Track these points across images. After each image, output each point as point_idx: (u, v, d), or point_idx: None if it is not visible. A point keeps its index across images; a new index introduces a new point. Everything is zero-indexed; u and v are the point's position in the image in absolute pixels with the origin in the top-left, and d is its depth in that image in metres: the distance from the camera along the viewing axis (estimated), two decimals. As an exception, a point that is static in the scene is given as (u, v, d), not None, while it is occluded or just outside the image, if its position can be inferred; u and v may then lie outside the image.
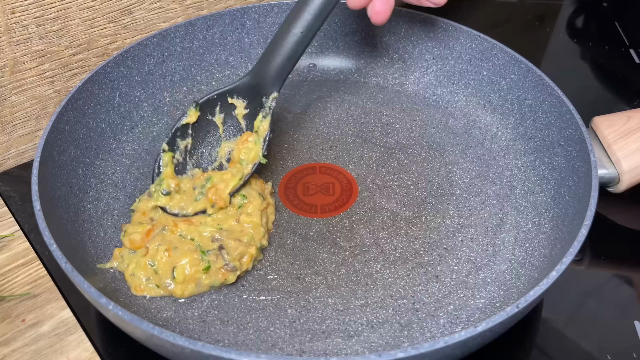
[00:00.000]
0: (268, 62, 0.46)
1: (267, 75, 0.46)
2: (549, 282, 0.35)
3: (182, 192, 0.46)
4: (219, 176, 0.46)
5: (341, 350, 0.39)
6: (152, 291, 0.42)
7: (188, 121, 0.47)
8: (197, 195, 0.45)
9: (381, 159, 0.53)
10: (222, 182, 0.45)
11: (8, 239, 0.48)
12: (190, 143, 0.47)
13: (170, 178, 0.46)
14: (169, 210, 0.45)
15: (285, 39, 0.45)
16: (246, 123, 0.48)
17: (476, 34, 0.56)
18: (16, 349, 0.40)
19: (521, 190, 0.50)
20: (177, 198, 0.46)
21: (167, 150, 0.46)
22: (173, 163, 0.46)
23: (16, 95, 0.53)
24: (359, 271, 0.44)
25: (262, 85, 0.46)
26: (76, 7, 0.52)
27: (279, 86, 0.47)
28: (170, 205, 0.45)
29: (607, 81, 0.68)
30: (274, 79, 0.46)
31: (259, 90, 0.47)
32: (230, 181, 0.45)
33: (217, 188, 0.45)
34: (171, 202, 0.45)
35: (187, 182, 0.47)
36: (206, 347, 0.31)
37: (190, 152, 0.47)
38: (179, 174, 0.47)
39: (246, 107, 0.47)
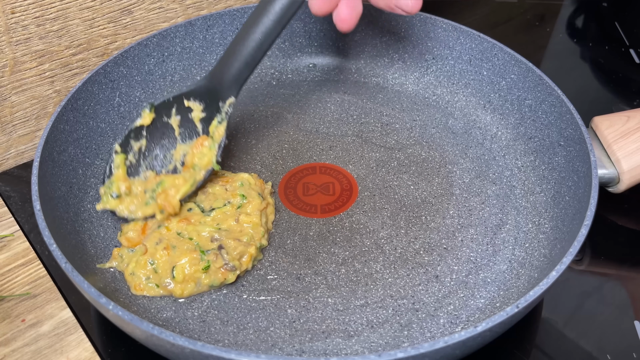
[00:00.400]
0: (226, 66, 0.45)
1: (225, 80, 0.45)
2: (549, 282, 0.35)
3: (133, 195, 0.45)
4: (170, 181, 0.45)
5: (341, 350, 0.39)
6: (151, 290, 0.42)
7: (142, 123, 0.46)
8: (148, 200, 0.45)
9: (381, 159, 0.53)
10: (173, 188, 0.45)
11: (8, 239, 0.48)
12: (145, 145, 0.46)
13: (121, 180, 0.45)
14: (118, 214, 0.44)
15: (243, 44, 0.44)
16: (202, 127, 0.46)
17: (476, 34, 0.56)
18: (16, 349, 0.40)
19: (521, 190, 0.50)
20: (127, 200, 0.45)
21: (120, 152, 0.45)
22: (125, 165, 0.45)
23: (16, 95, 0.53)
24: (359, 271, 0.44)
25: (219, 89, 0.45)
26: (76, 7, 0.52)
27: (237, 91, 0.45)
28: (120, 209, 0.44)
29: (607, 81, 0.68)
30: (231, 83, 0.45)
31: (215, 94, 0.46)
32: (181, 187, 0.44)
33: (167, 194, 0.44)
34: (121, 204, 0.44)
35: (139, 184, 0.45)
36: (206, 347, 0.31)
37: (144, 154, 0.46)
38: (131, 175, 0.46)
39: (203, 111, 0.46)
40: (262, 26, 0.43)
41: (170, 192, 0.44)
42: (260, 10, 0.43)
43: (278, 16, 0.43)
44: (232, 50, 0.45)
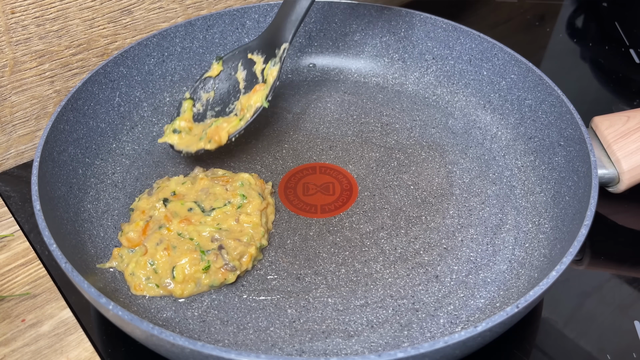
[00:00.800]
0: (282, 16, 0.50)
1: (281, 28, 0.49)
2: (549, 282, 0.35)
3: (193, 134, 0.49)
4: (224, 119, 0.49)
5: (341, 350, 0.39)
6: (151, 291, 0.42)
7: (210, 74, 0.51)
8: (202, 136, 0.48)
9: (381, 159, 0.53)
10: (226, 123, 0.49)
11: (8, 239, 0.48)
12: (212, 96, 0.50)
13: (184, 119, 0.49)
14: (175, 147, 0.49)
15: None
16: (262, 77, 0.50)
17: (476, 34, 0.56)
18: (16, 349, 0.40)
19: (521, 190, 0.50)
20: (185, 138, 0.49)
21: (188, 98, 0.50)
22: (192, 111, 0.50)
23: (16, 95, 0.53)
24: (359, 271, 0.44)
25: (276, 37, 0.50)
26: (76, 7, 0.52)
27: (291, 36, 0.49)
28: (178, 143, 0.49)
29: (607, 81, 0.68)
30: (286, 30, 0.49)
31: (273, 43, 0.50)
32: (232, 122, 0.48)
33: (218, 127, 0.48)
34: (180, 140, 0.49)
35: (200, 127, 0.50)
36: (206, 347, 0.31)
37: (211, 104, 0.50)
38: (198, 121, 0.50)
39: (264, 62, 0.50)
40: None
41: (222, 126, 0.48)
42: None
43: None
44: (286, 3, 0.50)
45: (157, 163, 0.52)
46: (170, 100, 0.57)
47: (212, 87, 0.50)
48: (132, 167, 0.52)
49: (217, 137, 0.48)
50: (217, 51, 0.60)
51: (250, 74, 0.50)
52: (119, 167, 0.51)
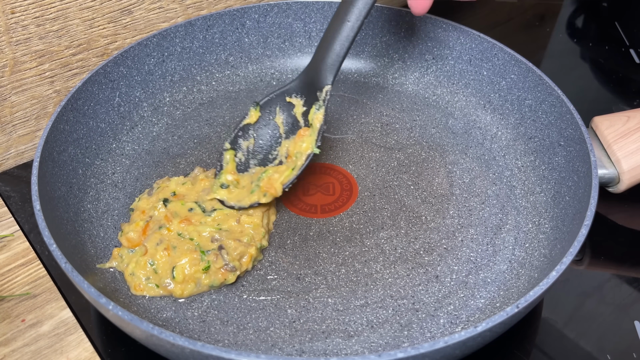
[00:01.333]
0: (321, 56, 0.47)
1: (321, 69, 0.47)
2: (549, 282, 0.35)
3: (241, 187, 0.47)
4: (274, 169, 0.47)
5: (341, 350, 0.39)
6: (151, 291, 0.42)
7: (249, 121, 0.48)
8: (253, 188, 0.46)
9: (381, 159, 0.53)
10: (277, 173, 0.46)
11: (8, 239, 0.48)
12: (252, 143, 0.48)
13: (229, 173, 0.47)
14: (226, 203, 0.46)
15: (336, 32, 0.46)
16: (304, 120, 0.48)
17: (476, 34, 0.56)
18: (16, 349, 0.40)
19: (521, 190, 0.50)
20: (235, 192, 0.46)
21: (229, 149, 0.48)
22: (235, 161, 0.48)
23: (16, 95, 0.53)
24: (359, 271, 0.44)
25: (316, 80, 0.48)
26: (76, 7, 0.52)
27: (333, 78, 0.47)
28: (228, 198, 0.46)
29: (607, 81, 0.68)
30: (327, 71, 0.47)
31: (314, 86, 0.48)
32: (284, 172, 0.46)
33: (270, 178, 0.46)
34: (229, 195, 0.46)
35: (247, 178, 0.48)
36: (206, 347, 0.31)
37: (252, 153, 0.48)
38: (241, 172, 0.48)
39: (304, 105, 0.48)
40: (353, 12, 0.46)
41: (274, 177, 0.46)
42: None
43: (366, 2, 0.46)
44: (325, 40, 0.47)
45: (157, 163, 0.52)
46: (170, 100, 0.57)
47: (251, 134, 0.48)
48: (132, 167, 0.52)
49: (273, 190, 0.45)
50: (217, 51, 0.60)
51: (291, 117, 0.48)
52: (119, 167, 0.51)
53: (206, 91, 0.59)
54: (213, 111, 0.58)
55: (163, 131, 0.55)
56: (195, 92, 0.59)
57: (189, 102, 0.58)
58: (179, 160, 0.53)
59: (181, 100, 0.58)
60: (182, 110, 0.58)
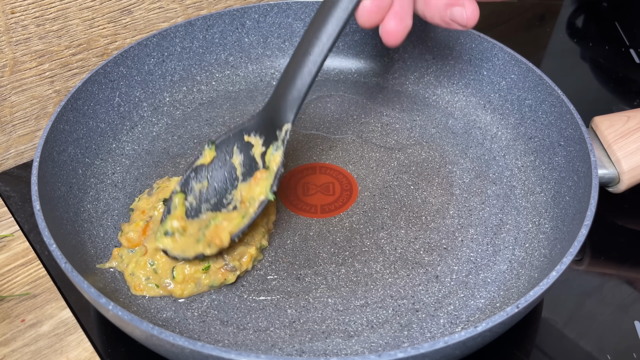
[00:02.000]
0: (282, 93, 0.43)
1: (281, 107, 0.43)
2: (549, 282, 0.35)
3: (188, 235, 0.42)
4: (224, 216, 0.42)
5: (341, 350, 0.39)
6: (151, 291, 0.42)
7: (203, 162, 0.43)
8: (200, 237, 0.42)
9: (381, 159, 0.53)
10: (226, 221, 0.42)
11: (8, 239, 0.48)
12: (206, 186, 0.43)
13: (176, 219, 0.42)
14: (170, 253, 0.41)
15: (298, 64, 0.42)
16: (263, 162, 0.44)
17: (476, 34, 0.56)
18: (16, 349, 0.40)
19: (521, 190, 0.50)
20: (180, 241, 0.42)
21: (179, 191, 0.43)
22: (185, 206, 0.43)
23: (16, 95, 0.53)
24: (359, 271, 0.44)
25: (276, 118, 0.43)
26: (76, 7, 0.52)
27: (293, 116, 0.43)
28: (172, 247, 0.41)
29: (607, 81, 0.68)
30: (287, 109, 0.43)
31: (273, 124, 0.43)
32: (234, 219, 0.42)
33: (218, 227, 0.42)
34: (173, 244, 0.41)
35: (196, 224, 0.42)
36: (206, 347, 0.31)
37: (205, 196, 0.43)
38: (191, 217, 0.43)
39: (263, 145, 0.44)
40: (316, 44, 0.41)
41: (222, 225, 0.42)
42: (314, 29, 0.41)
43: (331, 33, 0.41)
44: (286, 74, 0.43)
45: (157, 163, 0.52)
46: (170, 100, 0.57)
47: (205, 176, 0.43)
48: (132, 167, 0.52)
49: (218, 239, 0.41)
50: (217, 51, 0.60)
51: (248, 158, 0.44)
52: (119, 167, 0.51)
53: (206, 91, 0.59)
54: (213, 111, 0.58)
55: (163, 131, 0.55)
56: (195, 92, 0.59)
57: (189, 102, 0.58)
58: (179, 160, 0.53)
59: (181, 100, 0.58)
60: (182, 110, 0.58)
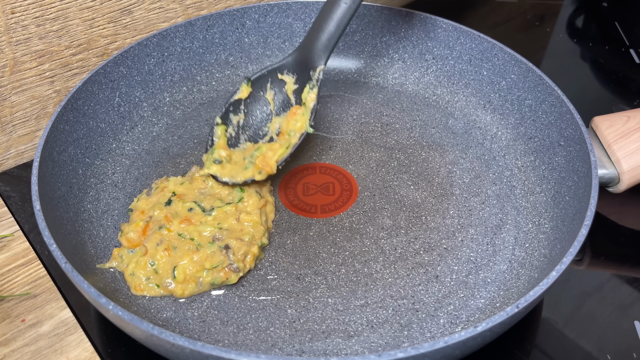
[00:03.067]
0: (315, 36, 0.48)
1: (315, 49, 0.48)
2: (549, 282, 0.35)
3: (234, 162, 0.48)
4: (267, 146, 0.48)
5: (341, 350, 0.39)
6: (152, 291, 0.42)
7: (240, 97, 0.49)
8: (247, 164, 0.47)
9: (381, 159, 0.53)
10: (270, 151, 0.47)
11: (8, 239, 0.48)
12: (243, 118, 0.49)
13: (222, 148, 0.47)
14: (220, 179, 0.47)
15: (331, 12, 0.47)
16: (295, 98, 0.49)
17: (476, 34, 0.56)
18: (16, 349, 0.40)
19: (521, 190, 0.50)
20: (228, 167, 0.47)
21: (220, 124, 0.48)
22: (226, 136, 0.48)
23: (16, 95, 0.53)
24: (359, 271, 0.44)
25: (309, 59, 0.48)
26: (76, 7, 0.52)
27: (326, 59, 0.48)
28: (221, 174, 0.47)
29: (607, 81, 0.68)
30: (321, 52, 0.48)
31: (307, 65, 0.48)
32: (278, 150, 0.47)
33: (264, 156, 0.47)
34: (222, 170, 0.47)
35: (239, 153, 0.48)
36: (206, 347, 0.31)
37: (242, 127, 0.49)
38: (231, 147, 0.48)
39: (295, 83, 0.49)
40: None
41: (268, 154, 0.47)
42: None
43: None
44: (319, 20, 0.48)
45: (157, 163, 0.52)
46: (170, 100, 0.57)
47: (242, 109, 0.49)
48: (132, 167, 0.52)
49: (268, 167, 0.46)
50: (217, 51, 0.60)
51: (282, 94, 0.49)
52: (119, 167, 0.51)
53: (206, 91, 0.59)
54: (213, 111, 0.58)
55: (163, 131, 0.55)
56: (195, 92, 0.59)
57: (189, 102, 0.58)
58: (179, 160, 0.53)
59: (181, 100, 0.58)
60: (182, 110, 0.58)
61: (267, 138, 0.49)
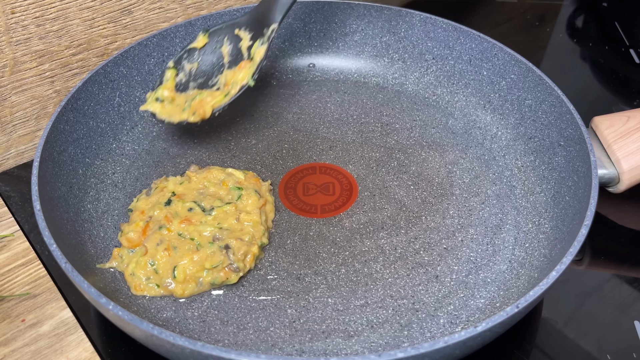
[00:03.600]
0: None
1: (272, 8, 0.50)
2: (548, 282, 0.35)
3: (175, 104, 0.50)
4: (209, 93, 0.50)
5: (341, 350, 0.39)
6: (152, 291, 0.42)
7: (196, 45, 0.51)
8: (185, 107, 0.49)
9: (381, 159, 0.53)
10: (210, 97, 0.49)
11: (8, 239, 0.48)
12: (196, 67, 0.51)
13: (167, 89, 0.50)
14: (157, 117, 0.49)
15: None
16: (248, 54, 0.51)
17: (476, 34, 0.56)
18: (16, 349, 0.40)
19: (521, 190, 0.50)
20: (167, 108, 0.49)
21: (172, 67, 0.50)
22: (175, 80, 0.50)
23: (16, 95, 0.53)
24: (359, 271, 0.44)
25: (266, 17, 0.50)
26: (76, 7, 0.52)
27: (281, 18, 0.50)
28: (160, 112, 0.49)
29: (607, 81, 0.68)
30: (277, 11, 0.50)
31: (262, 22, 0.50)
32: (217, 97, 0.49)
33: (202, 100, 0.49)
34: (162, 109, 0.49)
35: (183, 97, 0.50)
36: (206, 347, 0.31)
37: (194, 76, 0.51)
38: (180, 91, 0.50)
39: (250, 39, 0.50)
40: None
41: (207, 100, 0.49)
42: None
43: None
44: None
45: (157, 163, 0.52)
46: (170, 100, 0.57)
47: (196, 58, 0.51)
48: (132, 167, 0.52)
49: (202, 110, 0.48)
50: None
51: (236, 49, 0.51)
52: (119, 167, 0.51)
53: (206, 91, 0.59)
54: (213, 111, 0.58)
55: (163, 131, 0.55)
56: (195, 92, 0.59)
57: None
58: (179, 160, 0.53)
59: (181, 100, 0.58)
60: (182, 110, 0.58)
61: (214, 88, 0.51)
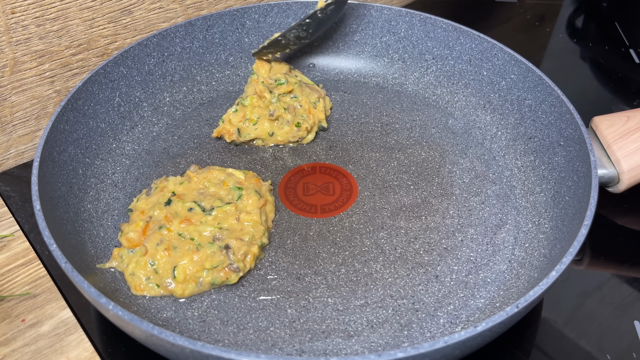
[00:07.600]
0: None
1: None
2: (548, 282, 0.35)
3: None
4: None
5: (341, 350, 0.39)
6: (152, 291, 0.42)
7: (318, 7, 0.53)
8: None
9: (381, 159, 0.53)
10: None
11: (8, 239, 0.48)
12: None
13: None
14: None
15: None
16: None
17: (476, 34, 0.56)
18: (16, 348, 0.40)
19: (521, 190, 0.50)
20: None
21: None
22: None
23: (16, 95, 0.53)
24: (359, 271, 0.44)
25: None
26: (76, 7, 0.52)
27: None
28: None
29: (607, 81, 0.68)
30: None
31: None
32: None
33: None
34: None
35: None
36: (206, 347, 0.31)
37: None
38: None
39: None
40: None
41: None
42: None
43: None
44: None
45: (157, 163, 0.52)
46: (170, 100, 0.57)
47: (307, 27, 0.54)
48: (132, 167, 0.52)
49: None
50: (217, 51, 0.60)
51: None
52: (119, 167, 0.52)
53: (206, 91, 0.59)
54: (213, 111, 0.58)
55: (163, 131, 0.55)
56: (195, 92, 0.59)
57: (189, 102, 0.58)
58: (179, 160, 0.53)
59: (181, 100, 0.58)
60: (182, 110, 0.58)
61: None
